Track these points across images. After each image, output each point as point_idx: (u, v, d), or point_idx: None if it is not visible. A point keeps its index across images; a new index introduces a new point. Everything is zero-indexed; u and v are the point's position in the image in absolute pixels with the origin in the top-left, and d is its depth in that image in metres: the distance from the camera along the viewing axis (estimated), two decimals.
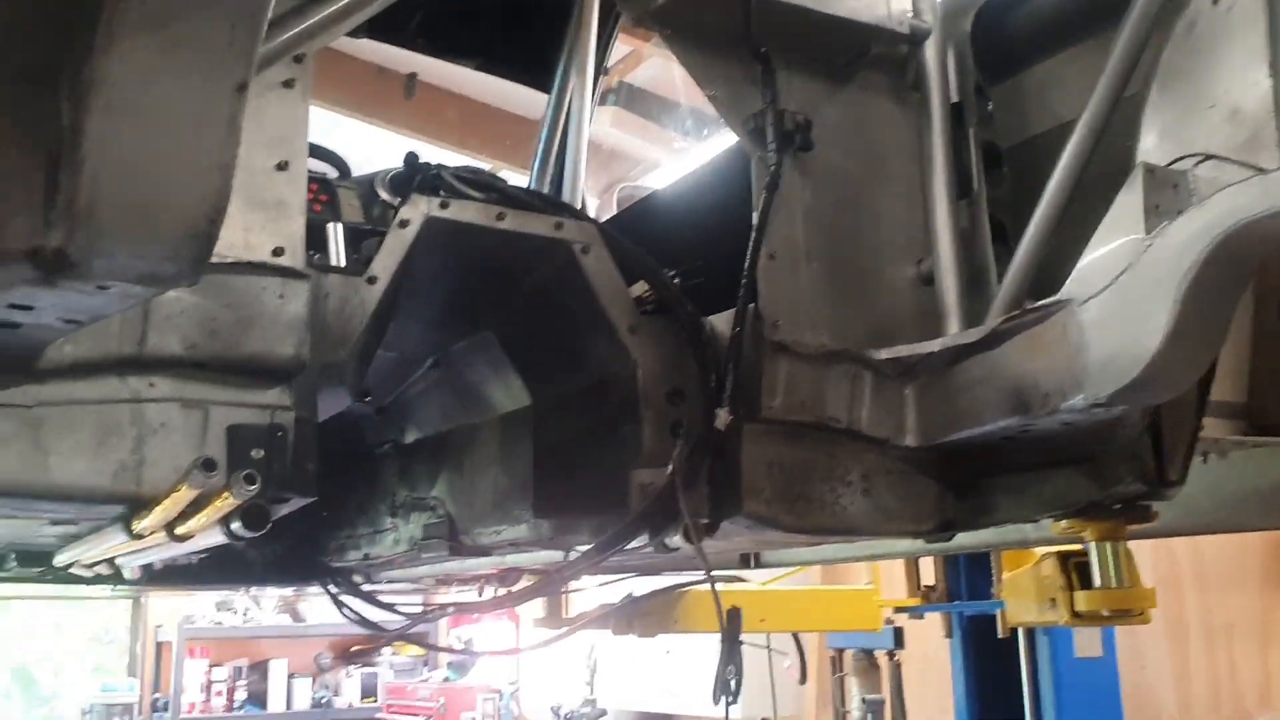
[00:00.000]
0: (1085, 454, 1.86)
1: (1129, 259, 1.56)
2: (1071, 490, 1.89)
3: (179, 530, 1.49)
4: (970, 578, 4.10)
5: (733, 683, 2.00)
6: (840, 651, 4.92)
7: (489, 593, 3.51)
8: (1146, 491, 1.83)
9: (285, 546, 2.93)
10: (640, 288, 1.99)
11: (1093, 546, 1.97)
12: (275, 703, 9.35)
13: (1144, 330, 1.52)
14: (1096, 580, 1.98)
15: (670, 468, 1.83)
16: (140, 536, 1.52)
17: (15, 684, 9.44)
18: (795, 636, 4.40)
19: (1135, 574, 2.01)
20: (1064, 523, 1.95)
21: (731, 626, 2.03)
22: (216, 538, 1.52)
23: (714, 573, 3.17)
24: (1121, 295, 1.57)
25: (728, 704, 1.96)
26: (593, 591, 4.07)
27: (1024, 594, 2.44)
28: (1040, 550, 2.56)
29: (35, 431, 1.39)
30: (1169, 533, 2.25)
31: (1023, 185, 2.12)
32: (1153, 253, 1.53)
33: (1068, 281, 1.66)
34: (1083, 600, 2.03)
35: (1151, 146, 1.75)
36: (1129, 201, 1.60)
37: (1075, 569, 2.13)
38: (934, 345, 1.90)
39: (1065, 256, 1.76)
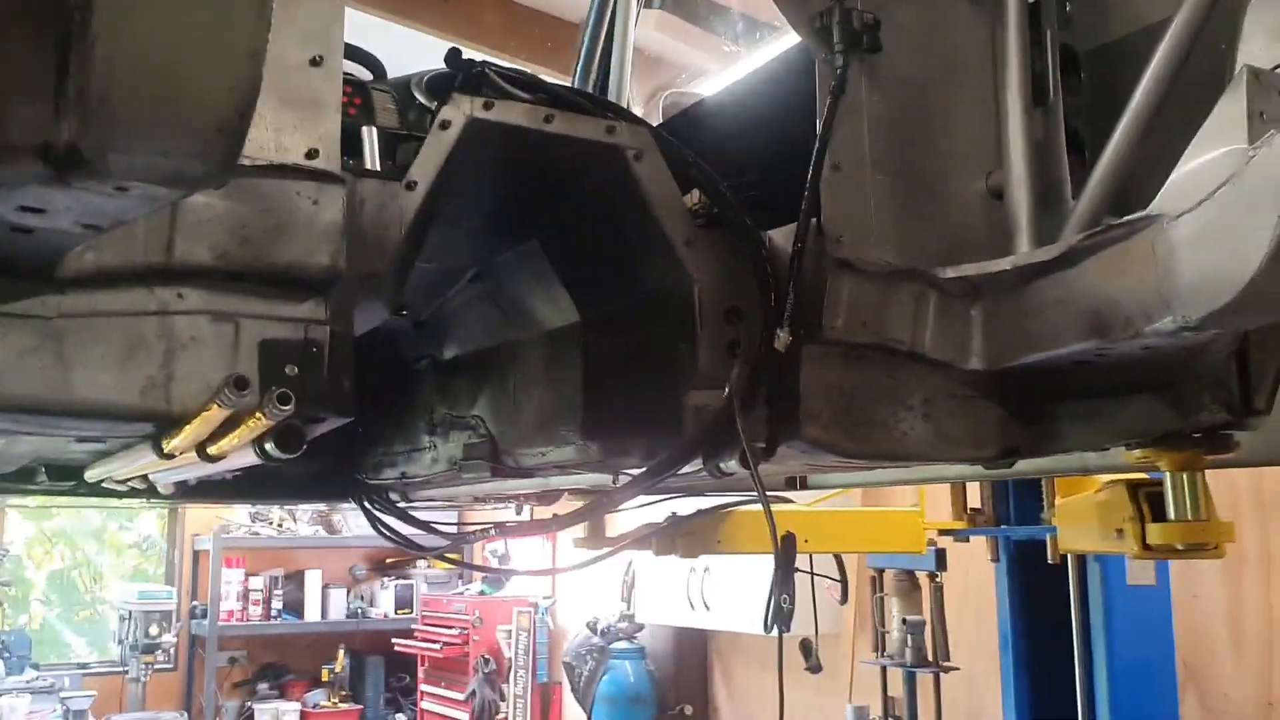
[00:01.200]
0: (1164, 380, 1.76)
1: (1229, 171, 1.43)
2: (1148, 418, 1.80)
3: (211, 451, 1.41)
4: (1019, 502, 4.01)
5: (786, 608, 1.93)
6: (880, 572, 4.87)
7: (528, 511, 3.46)
8: (1229, 421, 1.73)
9: (320, 463, 2.87)
10: (692, 198, 1.89)
11: (1168, 477, 1.88)
12: (311, 612, 9.46)
13: (1243, 249, 1.40)
14: (1171, 512, 1.89)
15: (727, 390, 1.75)
16: (171, 456, 1.44)
17: (54, 590, 9.60)
18: (837, 557, 4.36)
19: (1211, 507, 1.91)
20: (1138, 451, 1.85)
21: (786, 553, 1.95)
22: (250, 459, 1.45)
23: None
24: (1219, 210, 1.44)
25: (781, 632, 1.89)
26: (635, 511, 4.02)
27: (1083, 522, 2.35)
28: (1103, 478, 2.47)
29: (57, 345, 1.30)
30: (1246, 463, 2.15)
31: (1101, 93, 2.00)
32: (1256, 164, 1.40)
33: (1158, 196, 1.53)
34: (1156, 533, 1.94)
35: (1257, 49, 1.61)
36: (1230, 108, 1.47)
37: (1146, 499, 2.03)
38: (1004, 264, 1.78)
39: (1146, 172, 1.64)
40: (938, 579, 4.66)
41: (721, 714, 7.15)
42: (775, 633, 1.98)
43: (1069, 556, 3.79)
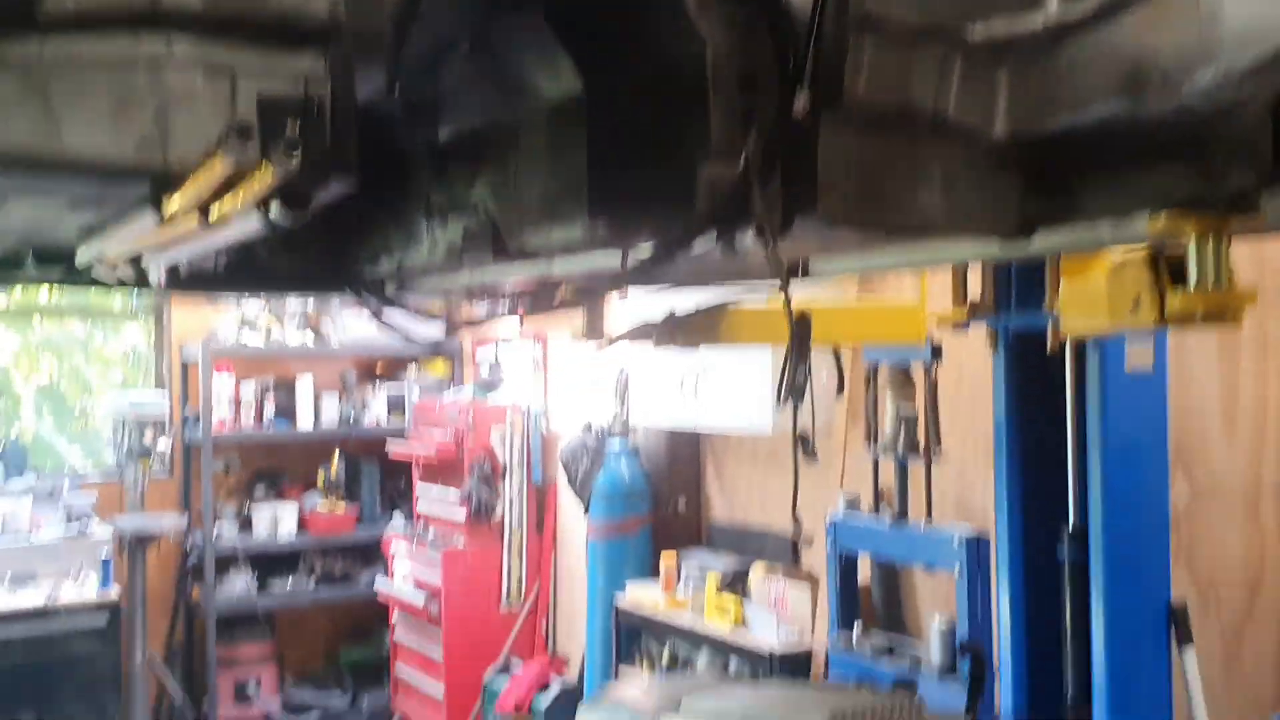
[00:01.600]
0: (1192, 145, 1.69)
1: None
2: (1173, 185, 1.74)
3: (212, 214, 1.34)
4: (1021, 290, 3.97)
5: (800, 382, 1.91)
6: (875, 365, 4.89)
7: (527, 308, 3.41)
8: (1257, 183, 1.68)
9: (314, 252, 2.80)
10: None
11: (1192, 243, 1.83)
12: (303, 419, 9.50)
13: None
14: (1192, 280, 1.86)
15: (743, 161, 1.68)
16: (170, 219, 1.38)
17: (45, 401, 9.62)
18: (835, 351, 4.36)
19: (1233, 274, 1.88)
20: (1162, 218, 1.81)
21: (801, 331, 1.93)
22: (252, 224, 1.38)
23: (758, 284, 3.05)
24: None
25: (796, 404, 1.87)
26: (631, 305, 4.00)
27: (1093, 299, 2.32)
28: (1115, 259, 2.42)
29: (43, 95, 1.22)
30: (1272, 229, 2.10)
31: None
32: None
33: None
34: (1176, 300, 1.90)
35: None
36: None
37: (1166, 268, 1.99)
38: (1036, 20, 1.69)
39: None
40: (932, 373, 4.68)
41: (713, 504, 7.32)
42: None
43: (1068, 344, 3.78)
